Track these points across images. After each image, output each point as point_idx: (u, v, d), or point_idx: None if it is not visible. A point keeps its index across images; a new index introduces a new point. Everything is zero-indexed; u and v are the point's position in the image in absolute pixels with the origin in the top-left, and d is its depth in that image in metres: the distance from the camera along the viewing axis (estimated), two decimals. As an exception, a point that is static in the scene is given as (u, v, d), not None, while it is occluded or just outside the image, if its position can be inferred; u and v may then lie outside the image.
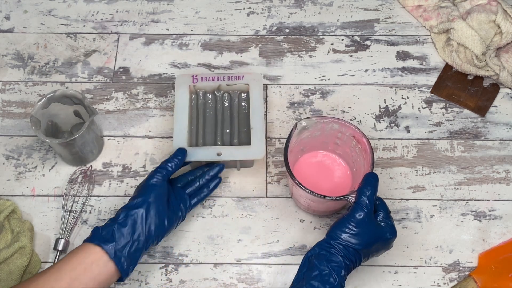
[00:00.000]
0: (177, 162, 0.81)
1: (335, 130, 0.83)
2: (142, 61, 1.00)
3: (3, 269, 0.80)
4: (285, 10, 1.05)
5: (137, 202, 0.76)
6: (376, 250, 0.74)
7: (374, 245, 0.73)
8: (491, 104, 0.96)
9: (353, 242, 0.71)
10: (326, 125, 0.82)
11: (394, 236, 0.75)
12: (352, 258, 0.72)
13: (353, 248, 0.71)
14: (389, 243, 0.75)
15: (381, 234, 0.73)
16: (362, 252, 0.72)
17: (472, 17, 0.96)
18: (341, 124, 0.81)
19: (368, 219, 0.73)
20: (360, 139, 0.80)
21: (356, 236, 0.72)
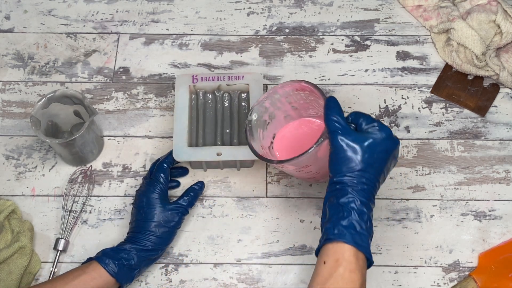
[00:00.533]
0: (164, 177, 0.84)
1: (281, 97, 0.82)
2: (142, 61, 1.00)
3: (3, 269, 0.80)
4: (285, 10, 1.05)
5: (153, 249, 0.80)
6: (380, 160, 0.67)
7: (372, 155, 0.66)
8: (491, 104, 0.96)
9: (351, 166, 0.66)
10: (271, 100, 0.82)
11: (386, 132, 0.68)
12: (363, 182, 0.66)
13: (356, 173, 0.66)
14: (387, 145, 0.68)
15: (370, 141, 0.67)
16: (368, 171, 0.66)
17: (472, 17, 0.96)
18: (278, 90, 0.80)
19: (348, 137, 0.67)
20: (303, 87, 0.78)
21: (349, 160, 0.66)
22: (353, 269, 0.63)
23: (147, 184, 0.83)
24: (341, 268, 0.62)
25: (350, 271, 0.62)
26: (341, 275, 0.62)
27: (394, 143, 0.69)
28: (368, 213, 0.65)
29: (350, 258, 0.63)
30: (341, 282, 0.62)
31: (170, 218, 0.81)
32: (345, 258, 0.63)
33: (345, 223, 0.64)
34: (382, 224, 0.87)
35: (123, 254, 0.78)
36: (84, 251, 0.85)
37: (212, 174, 0.91)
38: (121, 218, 0.88)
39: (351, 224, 0.64)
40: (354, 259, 0.63)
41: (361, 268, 0.63)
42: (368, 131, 0.68)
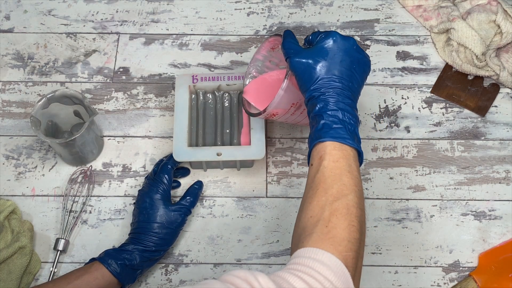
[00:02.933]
0: (167, 179, 0.85)
1: (264, 62, 0.85)
2: (142, 61, 1.00)
3: (3, 269, 0.80)
4: (285, 10, 1.05)
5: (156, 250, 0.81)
6: (336, 60, 0.68)
7: (325, 59, 0.68)
8: (491, 104, 0.96)
9: (312, 78, 0.67)
10: (256, 68, 0.85)
11: (331, 36, 0.69)
12: (327, 85, 0.67)
13: (318, 82, 0.67)
14: (336, 45, 0.69)
15: (318, 49, 0.68)
16: (328, 74, 0.67)
17: (472, 17, 0.96)
18: (257, 56, 0.84)
19: (300, 55, 0.69)
20: (274, 43, 0.81)
21: (308, 74, 0.68)
22: (336, 158, 0.64)
23: (151, 184, 0.83)
24: (325, 162, 0.64)
25: (333, 161, 0.64)
26: (325, 167, 0.63)
27: (345, 41, 0.70)
28: (343, 111, 0.66)
29: (332, 151, 0.64)
30: (327, 172, 0.63)
31: (173, 219, 0.81)
32: (327, 152, 0.64)
33: (319, 126, 0.66)
34: (382, 224, 0.87)
35: (126, 254, 0.78)
36: (84, 251, 0.85)
37: (212, 174, 0.91)
38: (121, 218, 0.88)
39: (325, 124, 0.66)
40: (336, 151, 0.64)
41: (346, 157, 0.64)
42: (318, 42, 0.70)
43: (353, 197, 0.62)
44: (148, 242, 0.79)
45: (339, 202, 0.61)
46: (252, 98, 0.85)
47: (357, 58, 0.70)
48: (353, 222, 0.60)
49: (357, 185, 0.63)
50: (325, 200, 0.61)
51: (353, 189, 0.62)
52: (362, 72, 0.71)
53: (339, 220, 0.59)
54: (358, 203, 0.62)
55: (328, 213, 0.60)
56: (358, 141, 0.66)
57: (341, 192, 0.61)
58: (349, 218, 0.60)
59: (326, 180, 0.62)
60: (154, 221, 0.80)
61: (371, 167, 0.91)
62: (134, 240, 0.80)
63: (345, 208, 0.60)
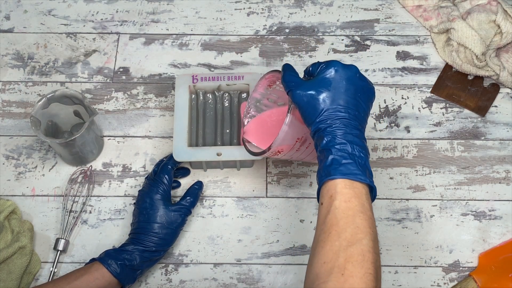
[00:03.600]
0: (167, 179, 0.84)
1: (262, 100, 0.83)
2: (142, 61, 1.00)
3: (3, 269, 0.80)
4: (285, 10, 1.05)
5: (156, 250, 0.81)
6: (340, 90, 0.66)
7: (328, 90, 0.66)
8: (491, 104, 0.96)
9: (317, 111, 0.65)
10: (255, 107, 0.84)
11: (333, 65, 0.67)
12: (334, 117, 0.65)
13: (324, 114, 0.65)
14: (339, 75, 0.67)
15: (321, 80, 0.66)
16: (334, 106, 0.65)
17: (472, 17, 0.96)
18: (255, 95, 0.83)
19: (303, 87, 0.67)
20: (270, 80, 0.80)
21: (312, 107, 0.65)
22: (348, 198, 0.61)
23: (151, 184, 0.83)
24: (336, 202, 0.61)
25: (345, 201, 0.61)
26: (337, 208, 0.61)
27: (347, 69, 0.67)
28: (352, 144, 0.64)
29: (342, 190, 0.62)
30: (339, 214, 0.60)
31: (173, 219, 0.81)
32: (338, 191, 0.62)
33: (328, 162, 0.63)
34: (382, 224, 0.87)
35: (126, 255, 0.78)
36: (84, 251, 0.85)
37: (212, 174, 0.91)
38: (121, 218, 0.88)
39: (334, 160, 0.63)
40: (348, 189, 0.62)
41: (358, 195, 0.62)
42: (319, 73, 0.68)
43: (368, 241, 0.59)
44: (148, 242, 0.79)
45: (353, 248, 0.58)
46: (253, 138, 0.83)
47: (361, 86, 0.67)
48: (370, 269, 0.57)
49: (371, 227, 0.60)
50: (339, 245, 0.59)
51: (368, 232, 0.60)
52: (367, 100, 0.68)
53: (355, 268, 0.57)
54: (373, 247, 0.59)
55: (343, 260, 0.58)
56: (370, 175, 0.64)
57: (355, 236, 0.59)
58: (366, 266, 0.57)
59: (339, 222, 0.60)
60: (154, 221, 0.80)
61: (371, 167, 0.91)
62: (134, 240, 0.80)
63: (360, 255, 0.58)
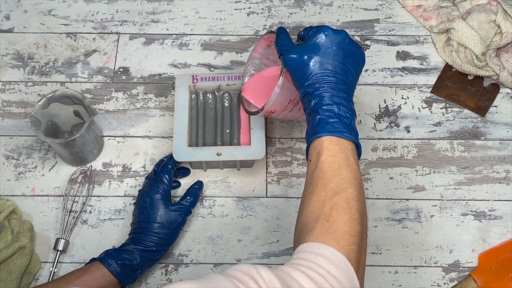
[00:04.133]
0: (168, 179, 0.85)
1: (261, 60, 0.85)
2: (142, 61, 1.00)
3: (3, 269, 0.80)
4: (285, 10, 1.05)
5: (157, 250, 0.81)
6: (328, 54, 0.68)
7: (317, 54, 0.68)
8: (491, 104, 0.96)
9: (306, 74, 0.67)
10: (253, 66, 0.86)
11: (321, 30, 0.69)
12: (321, 80, 0.67)
13: (312, 78, 0.67)
14: (328, 39, 0.68)
15: (310, 44, 0.68)
16: (322, 69, 0.67)
17: (472, 17, 0.96)
18: (254, 55, 0.84)
19: (293, 51, 0.69)
20: (270, 40, 0.81)
21: (302, 70, 0.67)
22: (334, 153, 0.64)
23: (151, 184, 0.83)
24: (323, 156, 0.64)
25: (331, 156, 0.63)
26: (323, 162, 0.63)
27: (337, 34, 0.69)
28: (338, 105, 0.66)
29: (329, 146, 0.64)
30: (325, 167, 0.63)
31: (173, 219, 0.81)
32: (324, 147, 0.64)
33: (316, 122, 0.66)
34: (382, 224, 0.87)
35: (126, 254, 0.78)
36: (84, 251, 0.85)
37: (212, 174, 0.91)
38: (121, 218, 0.88)
39: (321, 120, 0.65)
40: (334, 145, 0.64)
41: (344, 150, 0.64)
42: (309, 37, 0.70)
43: (353, 190, 0.61)
44: (149, 242, 0.79)
45: (338, 196, 0.61)
46: (251, 96, 0.86)
47: (350, 51, 0.69)
48: (354, 215, 0.60)
49: (356, 178, 0.63)
50: (325, 195, 0.61)
51: (352, 183, 0.62)
52: (356, 65, 0.70)
53: (340, 214, 0.59)
54: (358, 196, 0.62)
55: (329, 207, 0.60)
56: (355, 134, 0.66)
57: (340, 186, 0.61)
58: (350, 212, 0.60)
59: (325, 175, 0.62)
60: (154, 221, 0.80)
61: (371, 167, 0.91)
62: (135, 240, 0.80)
63: (345, 202, 0.60)
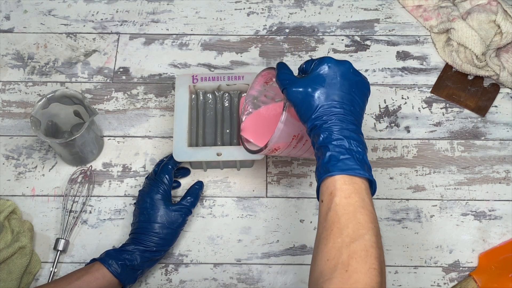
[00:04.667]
0: (168, 179, 0.84)
1: (259, 97, 0.84)
2: (142, 61, 1.00)
3: (3, 269, 0.80)
4: (285, 10, 1.05)
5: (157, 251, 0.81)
6: (335, 86, 0.66)
7: (323, 86, 0.66)
8: (491, 104, 0.96)
9: (312, 107, 0.65)
10: (252, 104, 0.84)
11: (326, 62, 0.67)
12: (329, 113, 0.65)
13: (319, 110, 0.65)
14: (332, 71, 0.67)
15: (315, 77, 0.66)
16: (329, 102, 0.65)
17: (472, 17, 0.96)
18: (252, 92, 0.83)
19: (297, 84, 0.67)
20: (267, 77, 0.80)
21: (307, 104, 0.65)
22: (348, 194, 0.61)
23: (151, 184, 0.83)
24: (337, 198, 0.61)
25: (345, 197, 0.61)
26: (337, 204, 0.60)
27: (341, 65, 0.67)
28: (348, 139, 0.63)
29: (342, 186, 0.61)
30: (339, 210, 0.60)
31: (174, 219, 0.81)
32: (337, 187, 0.61)
33: (326, 159, 0.63)
34: (382, 224, 0.87)
35: (126, 255, 0.78)
36: (84, 251, 0.85)
37: (212, 174, 0.91)
38: (121, 218, 0.88)
39: (332, 156, 0.63)
40: (347, 185, 0.61)
41: (358, 190, 0.61)
42: (312, 69, 0.68)
43: (371, 236, 0.58)
44: (149, 242, 0.79)
45: (356, 244, 0.58)
46: (251, 135, 0.83)
47: (355, 81, 0.67)
48: (374, 264, 0.57)
49: (373, 222, 0.60)
50: (342, 242, 0.58)
51: (370, 227, 0.59)
52: (362, 94, 0.68)
53: (359, 264, 0.57)
54: (376, 242, 0.59)
55: (346, 256, 0.57)
56: (368, 169, 0.64)
57: (357, 231, 0.58)
58: (369, 261, 0.57)
59: (340, 219, 0.60)
60: (154, 221, 0.80)
61: (371, 166, 0.91)
62: (135, 240, 0.80)
63: (363, 250, 0.57)
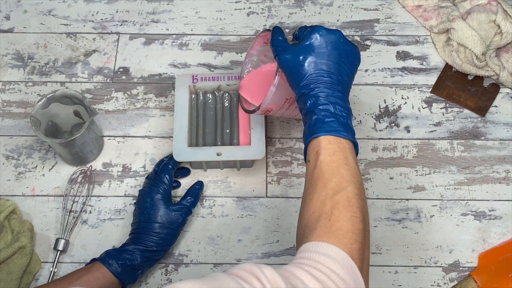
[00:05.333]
0: (168, 179, 0.84)
1: (259, 57, 0.85)
2: (142, 61, 1.00)
3: (3, 269, 0.80)
4: (285, 10, 1.05)
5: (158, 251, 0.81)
6: (323, 54, 0.68)
7: (312, 55, 0.68)
8: (491, 104, 0.96)
9: (301, 74, 0.67)
10: (251, 63, 0.86)
11: (316, 31, 0.69)
12: (317, 80, 0.67)
13: (307, 78, 0.67)
14: (322, 40, 0.68)
15: (305, 45, 0.68)
16: (317, 70, 0.67)
17: (472, 17, 0.96)
18: (252, 52, 0.84)
19: (288, 51, 0.69)
20: (268, 37, 0.81)
21: (297, 70, 0.67)
22: (332, 152, 0.64)
23: (151, 184, 0.83)
24: (321, 156, 0.64)
25: (329, 155, 0.64)
26: (322, 161, 0.63)
27: (331, 34, 0.69)
28: (334, 104, 0.66)
29: (326, 145, 0.64)
30: (324, 167, 0.63)
31: (174, 219, 0.81)
32: (322, 147, 0.64)
33: (312, 122, 0.66)
34: (382, 224, 0.87)
35: (127, 254, 0.78)
36: (84, 251, 0.85)
37: (212, 174, 0.91)
38: (121, 218, 0.88)
39: (317, 119, 0.65)
40: (332, 144, 0.64)
41: (342, 149, 0.64)
42: (303, 38, 0.69)
43: (353, 188, 0.61)
44: (149, 242, 0.79)
45: (339, 195, 0.61)
46: (248, 93, 0.86)
47: (345, 50, 0.69)
48: (355, 213, 0.60)
49: (355, 177, 0.63)
50: (325, 195, 0.61)
51: (352, 181, 0.62)
52: (351, 64, 0.70)
53: (341, 213, 0.59)
54: (358, 194, 0.62)
55: (330, 206, 0.60)
56: (352, 132, 0.66)
57: (340, 185, 0.61)
58: (351, 210, 0.60)
59: (324, 174, 0.62)
60: (155, 221, 0.80)
61: (371, 167, 0.91)
62: (135, 240, 0.80)
63: (346, 200, 0.60)
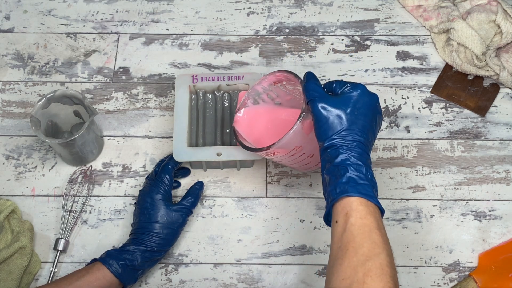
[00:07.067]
0: (168, 179, 0.84)
1: (262, 94, 0.83)
2: (142, 61, 1.00)
3: (3, 269, 0.80)
4: (285, 10, 1.05)
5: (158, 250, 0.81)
6: (363, 116, 0.67)
7: (353, 113, 0.67)
8: (491, 104, 0.96)
9: (336, 128, 0.66)
10: (253, 99, 0.84)
11: (360, 89, 0.68)
12: (351, 139, 0.66)
13: (342, 133, 0.66)
14: (365, 100, 0.68)
15: (347, 100, 0.67)
16: (354, 129, 0.66)
17: (472, 17, 0.96)
18: (257, 87, 0.82)
19: (327, 101, 0.67)
20: (278, 78, 0.80)
21: (332, 123, 0.66)
22: (364, 215, 0.61)
23: (152, 184, 0.83)
24: (352, 219, 0.61)
25: (361, 218, 0.61)
26: (353, 224, 0.61)
27: (371, 96, 0.69)
28: (365, 167, 0.65)
29: (358, 207, 0.62)
30: (355, 230, 0.60)
31: (174, 219, 0.81)
32: (353, 208, 0.62)
33: (345, 179, 0.64)
34: (382, 224, 0.87)
35: (127, 255, 0.78)
36: (84, 251, 0.85)
37: (212, 174, 0.91)
38: (121, 218, 0.88)
39: (350, 178, 0.64)
40: (363, 207, 0.62)
41: (373, 213, 0.62)
42: (344, 92, 0.69)
43: (385, 256, 0.59)
44: (150, 242, 0.79)
45: (372, 262, 0.58)
46: (243, 128, 0.83)
47: (378, 115, 0.70)
48: (389, 283, 0.57)
49: (387, 243, 0.60)
50: (357, 261, 0.58)
51: (384, 247, 0.60)
52: (378, 128, 0.71)
53: (374, 282, 0.56)
54: (390, 262, 0.59)
55: (362, 274, 0.57)
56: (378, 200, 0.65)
57: (372, 251, 0.59)
58: (385, 279, 0.57)
59: (355, 238, 0.60)
60: (155, 221, 0.80)
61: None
62: (135, 240, 0.80)
63: (379, 268, 0.57)
